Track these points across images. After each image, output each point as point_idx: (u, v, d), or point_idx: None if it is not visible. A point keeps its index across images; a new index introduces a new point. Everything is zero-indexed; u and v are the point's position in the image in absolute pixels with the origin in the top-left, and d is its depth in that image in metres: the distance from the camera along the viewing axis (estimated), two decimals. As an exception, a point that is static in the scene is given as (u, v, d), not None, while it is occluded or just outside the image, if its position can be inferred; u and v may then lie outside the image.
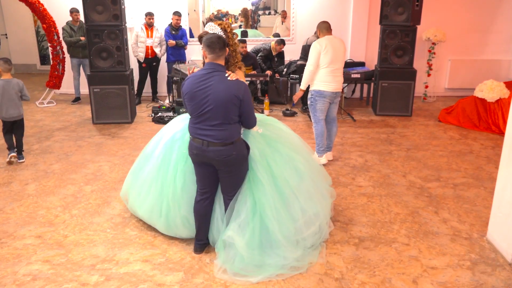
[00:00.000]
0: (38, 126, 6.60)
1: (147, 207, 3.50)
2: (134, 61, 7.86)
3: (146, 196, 3.51)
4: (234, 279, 2.92)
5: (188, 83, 2.95)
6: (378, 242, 3.42)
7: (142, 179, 3.57)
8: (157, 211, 3.41)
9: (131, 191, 3.72)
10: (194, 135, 3.00)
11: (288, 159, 3.30)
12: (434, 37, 7.85)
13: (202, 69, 2.98)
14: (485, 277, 3.00)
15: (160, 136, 3.59)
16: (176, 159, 3.31)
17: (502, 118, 6.19)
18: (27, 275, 3.01)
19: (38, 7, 7.44)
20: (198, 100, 2.88)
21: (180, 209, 3.30)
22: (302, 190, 3.27)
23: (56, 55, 7.79)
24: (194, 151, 3.01)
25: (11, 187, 4.46)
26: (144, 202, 3.52)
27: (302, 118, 7.01)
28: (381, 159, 5.22)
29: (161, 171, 3.39)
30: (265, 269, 2.98)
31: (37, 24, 10.73)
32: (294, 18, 8.36)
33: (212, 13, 8.97)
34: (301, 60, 7.35)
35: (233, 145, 2.95)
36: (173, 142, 3.40)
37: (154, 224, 3.52)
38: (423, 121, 6.90)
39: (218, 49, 2.89)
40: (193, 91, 2.90)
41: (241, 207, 3.04)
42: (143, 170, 3.59)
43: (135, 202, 3.64)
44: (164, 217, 3.37)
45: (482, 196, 4.26)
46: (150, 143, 3.71)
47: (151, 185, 3.46)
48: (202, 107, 2.88)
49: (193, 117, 2.98)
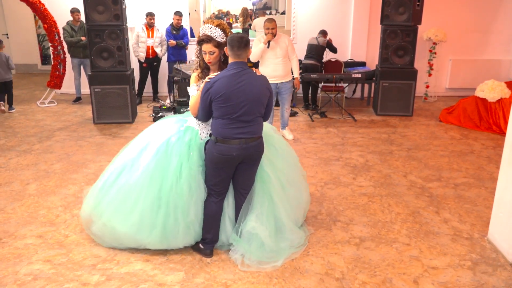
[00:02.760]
0: (39, 126, 6.61)
1: (133, 222, 3.15)
2: (135, 61, 7.86)
3: (131, 210, 3.16)
4: (260, 267, 3.07)
5: (221, 84, 2.88)
6: (379, 242, 3.42)
7: (122, 192, 3.20)
8: (148, 224, 3.13)
9: (102, 209, 3.26)
10: (231, 136, 2.95)
11: (281, 151, 3.51)
12: (435, 37, 7.84)
13: (230, 70, 2.94)
14: (486, 277, 3.00)
15: (144, 143, 3.31)
16: (177, 164, 3.13)
17: (503, 118, 6.18)
18: (28, 274, 3.01)
19: (39, 7, 7.45)
20: (235, 99, 2.89)
21: (187, 215, 3.14)
22: (293, 179, 3.52)
23: (57, 55, 7.80)
24: (233, 153, 2.97)
25: (12, 186, 4.46)
26: (129, 217, 3.16)
27: (303, 118, 7.01)
28: (382, 159, 5.22)
29: (154, 180, 3.13)
30: (281, 253, 3.19)
31: (38, 24, 10.73)
32: (295, 18, 8.36)
33: (213, 13, 8.97)
34: (309, 59, 7.34)
35: (262, 137, 3.12)
36: (169, 146, 3.19)
37: (139, 241, 3.18)
38: (424, 121, 6.89)
39: (242, 48, 2.93)
40: (230, 92, 2.88)
41: (256, 199, 3.20)
42: (121, 182, 3.24)
43: (113, 219, 3.20)
44: (160, 228, 3.12)
45: (483, 196, 4.26)
46: (128, 152, 3.37)
47: (139, 197, 3.14)
48: (239, 106, 2.91)
49: (227, 118, 2.93)
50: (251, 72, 3.01)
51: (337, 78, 6.85)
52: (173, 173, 3.13)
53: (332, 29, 7.99)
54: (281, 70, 5.57)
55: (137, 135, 3.54)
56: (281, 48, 5.52)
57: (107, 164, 5.07)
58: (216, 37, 3.08)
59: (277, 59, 5.54)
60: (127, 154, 3.36)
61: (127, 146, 3.47)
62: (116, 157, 3.48)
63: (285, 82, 5.65)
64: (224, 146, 2.97)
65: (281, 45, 5.52)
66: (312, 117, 6.98)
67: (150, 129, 3.45)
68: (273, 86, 5.55)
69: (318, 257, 3.22)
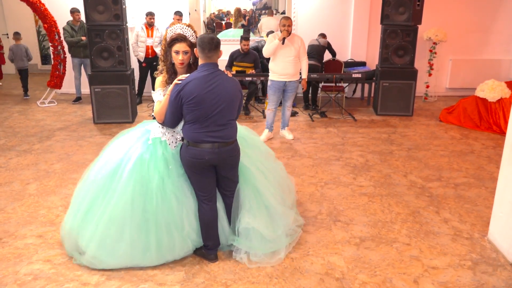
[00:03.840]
0: (39, 125, 6.61)
1: (122, 252, 2.97)
2: (135, 60, 7.86)
3: (117, 240, 2.96)
4: (267, 261, 3.11)
5: (193, 86, 2.79)
6: (379, 242, 3.42)
7: (102, 224, 2.96)
8: (141, 248, 2.98)
9: (85, 243, 3.02)
10: (202, 139, 2.86)
11: (249, 139, 3.50)
12: (435, 37, 7.84)
13: (201, 71, 2.85)
14: (486, 277, 3.00)
15: (112, 166, 3.05)
16: (159, 181, 2.97)
17: (503, 117, 6.18)
18: (28, 274, 3.01)
19: (39, 7, 7.44)
20: (208, 102, 2.81)
21: (182, 229, 3.04)
22: (269, 164, 3.55)
23: (57, 55, 7.80)
24: (205, 157, 2.88)
25: (12, 186, 4.46)
26: (116, 248, 2.97)
27: (303, 118, 7.01)
28: (382, 159, 5.22)
29: (136, 203, 2.95)
30: (281, 242, 3.23)
31: (38, 24, 10.73)
32: (295, 18, 8.35)
33: (212, 12, 8.98)
34: (310, 60, 7.32)
35: (236, 142, 3.05)
36: (144, 165, 2.99)
37: (134, 264, 3.03)
38: (424, 121, 6.89)
39: (213, 49, 2.84)
40: (202, 94, 2.79)
41: (243, 194, 3.19)
42: (98, 213, 2.99)
43: (99, 254, 2.98)
44: (154, 249, 2.99)
45: (483, 196, 4.26)
46: (98, 177, 3.09)
47: (123, 225, 2.94)
48: (212, 108, 2.83)
49: (199, 122, 2.85)
50: (223, 74, 2.93)
51: (337, 78, 6.85)
52: (156, 190, 2.96)
53: (332, 29, 8.00)
54: (291, 69, 5.58)
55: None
56: (295, 47, 5.54)
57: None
58: (189, 36, 2.99)
59: (288, 58, 5.54)
60: (96, 180, 3.08)
61: (91, 168, 3.20)
62: (82, 180, 3.23)
63: (293, 81, 5.68)
64: (196, 150, 2.89)
65: (294, 45, 5.54)
66: (312, 117, 6.98)
67: (114, 149, 3.17)
68: (280, 84, 5.62)
69: (318, 257, 3.22)
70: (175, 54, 2.99)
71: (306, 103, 7.62)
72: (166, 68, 3.07)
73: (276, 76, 5.61)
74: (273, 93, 5.71)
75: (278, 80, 5.61)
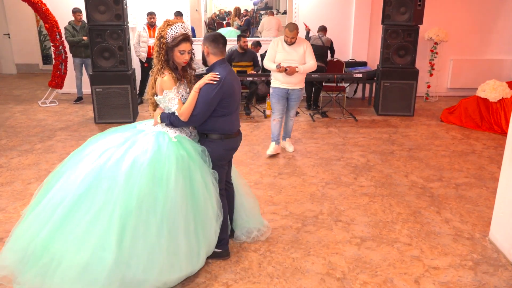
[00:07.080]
0: (41, 125, 6.62)
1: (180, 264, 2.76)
2: (136, 60, 7.87)
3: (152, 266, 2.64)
4: (259, 236, 3.40)
5: (229, 82, 2.94)
6: (380, 242, 3.42)
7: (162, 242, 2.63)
8: (170, 267, 2.70)
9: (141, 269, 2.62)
10: (236, 129, 3.11)
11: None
12: (436, 37, 7.84)
13: (224, 66, 2.98)
14: (487, 277, 3.00)
15: (108, 177, 2.66)
16: (201, 179, 2.85)
17: (504, 118, 6.18)
18: (29, 274, 3.01)
19: (40, 7, 7.45)
20: (237, 93, 3.06)
21: (211, 226, 2.90)
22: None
23: (59, 54, 7.81)
24: (237, 145, 3.14)
25: (13, 186, 4.47)
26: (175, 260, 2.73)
27: (304, 118, 7.01)
28: (383, 159, 5.22)
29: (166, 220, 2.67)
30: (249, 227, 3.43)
31: (39, 24, 10.74)
32: (296, 18, 8.35)
33: (214, 12, 8.98)
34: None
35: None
36: (185, 165, 2.80)
37: (165, 285, 2.74)
38: (425, 121, 6.89)
39: (225, 44, 3.04)
40: (235, 87, 3.02)
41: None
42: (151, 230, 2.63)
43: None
44: (185, 262, 2.78)
45: (484, 196, 4.25)
46: (85, 195, 2.65)
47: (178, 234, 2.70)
48: (238, 100, 3.09)
49: (232, 113, 3.04)
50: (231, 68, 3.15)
51: (338, 78, 6.84)
52: (202, 191, 2.85)
53: (333, 28, 7.99)
54: (293, 77, 5.06)
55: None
56: (297, 54, 5.05)
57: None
58: (191, 36, 2.99)
59: (291, 65, 5.03)
60: (83, 199, 2.63)
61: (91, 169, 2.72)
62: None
63: (297, 89, 5.19)
64: (231, 140, 3.07)
65: (298, 51, 5.05)
66: (313, 117, 6.98)
67: (111, 154, 2.78)
68: (283, 91, 5.16)
69: (319, 257, 3.23)
70: (180, 53, 2.92)
71: (308, 103, 7.62)
72: (169, 67, 2.96)
73: (278, 83, 5.14)
74: (276, 101, 5.21)
75: (281, 87, 5.15)
